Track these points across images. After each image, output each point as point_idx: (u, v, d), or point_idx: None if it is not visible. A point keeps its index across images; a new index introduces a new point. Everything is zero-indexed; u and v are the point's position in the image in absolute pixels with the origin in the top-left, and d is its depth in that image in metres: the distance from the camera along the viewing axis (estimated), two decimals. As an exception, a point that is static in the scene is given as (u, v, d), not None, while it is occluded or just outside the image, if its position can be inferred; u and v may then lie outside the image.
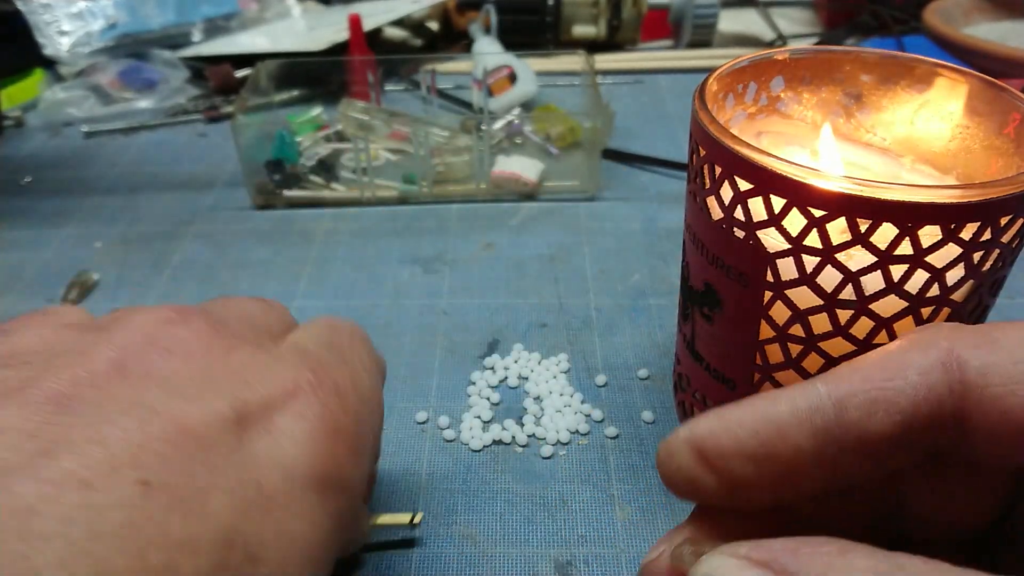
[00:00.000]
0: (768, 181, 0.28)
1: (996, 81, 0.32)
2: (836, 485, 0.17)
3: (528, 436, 0.41)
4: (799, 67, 0.36)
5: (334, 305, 0.51)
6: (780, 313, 0.31)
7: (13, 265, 0.56)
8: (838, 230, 0.27)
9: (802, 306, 0.30)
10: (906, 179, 0.36)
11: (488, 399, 0.43)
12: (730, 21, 0.94)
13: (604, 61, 0.83)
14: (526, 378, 0.45)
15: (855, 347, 0.29)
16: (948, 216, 0.26)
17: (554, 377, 0.44)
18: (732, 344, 0.33)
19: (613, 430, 0.41)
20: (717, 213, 0.31)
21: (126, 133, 0.74)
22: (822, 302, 0.29)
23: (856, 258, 0.28)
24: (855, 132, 0.37)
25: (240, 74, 0.80)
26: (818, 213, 0.27)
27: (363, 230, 0.59)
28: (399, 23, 0.89)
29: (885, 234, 0.26)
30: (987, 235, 0.26)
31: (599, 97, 0.61)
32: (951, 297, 0.28)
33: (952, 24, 0.80)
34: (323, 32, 0.83)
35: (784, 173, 0.27)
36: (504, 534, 0.36)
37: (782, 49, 0.36)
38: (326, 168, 0.64)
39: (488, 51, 0.76)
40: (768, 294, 0.30)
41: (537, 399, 0.43)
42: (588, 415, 0.42)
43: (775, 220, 0.28)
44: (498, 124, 0.67)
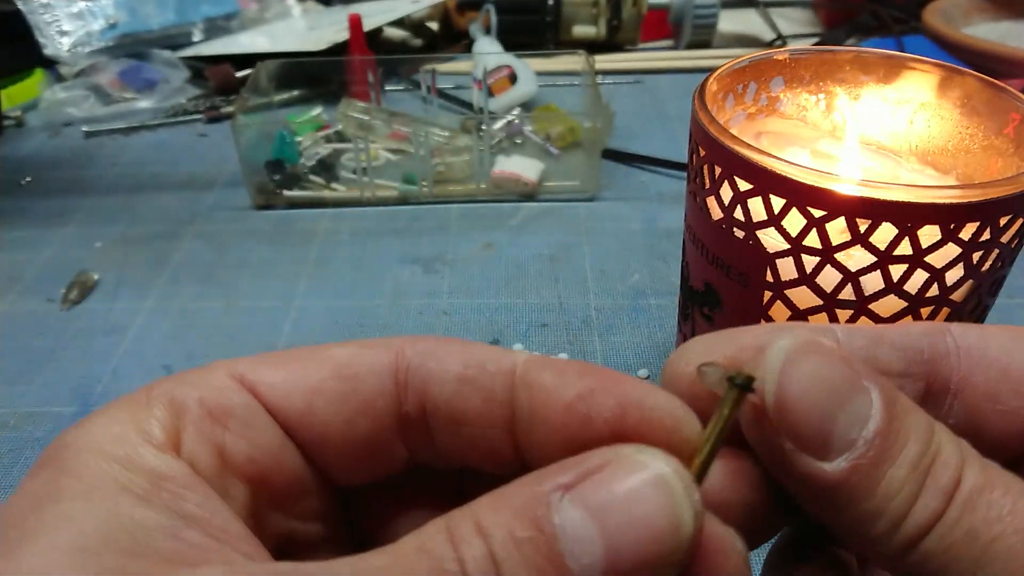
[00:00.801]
0: (768, 181, 0.28)
1: (996, 81, 0.32)
2: None
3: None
4: (799, 67, 0.36)
5: (334, 305, 0.51)
6: (780, 313, 0.31)
7: (13, 265, 0.56)
8: (838, 230, 0.27)
9: (802, 306, 0.30)
10: (906, 179, 0.36)
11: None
12: (730, 21, 0.94)
13: (604, 61, 0.83)
14: (526, 378, 0.45)
15: (855, 347, 0.29)
16: (948, 216, 0.26)
17: (554, 377, 0.44)
18: (732, 344, 0.33)
19: (613, 430, 0.41)
20: (717, 213, 0.31)
21: (126, 133, 0.74)
22: (822, 302, 0.29)
23: (856, 258, 0.28)
24: (855, 132, 0.37)
25: (240, 74, 0.80)
26: (818, 213, 0.27)
27: (363, 230, 0.59)
28: (399, 23, 0.89)
29: (885, 234, 0.26)
30: (986, 235, 0.26)
31: (599, 97, 0.61)
32: (950, 297, 0.28)
33: (952, 24, 0.80)
34: (323, 32, 0.83)
35: (784, 173, 0.27)
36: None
37: (782, 49, 0.36)
38: (326, 168, 0.64)
39: (488, 51, 0.76)
40: (768, 294, 0.30)
41: (537, 399, 0.43)
42: (588, 415, 0.42)
43: (775, 220, 0.28)
44: (498, 124, 0.67)
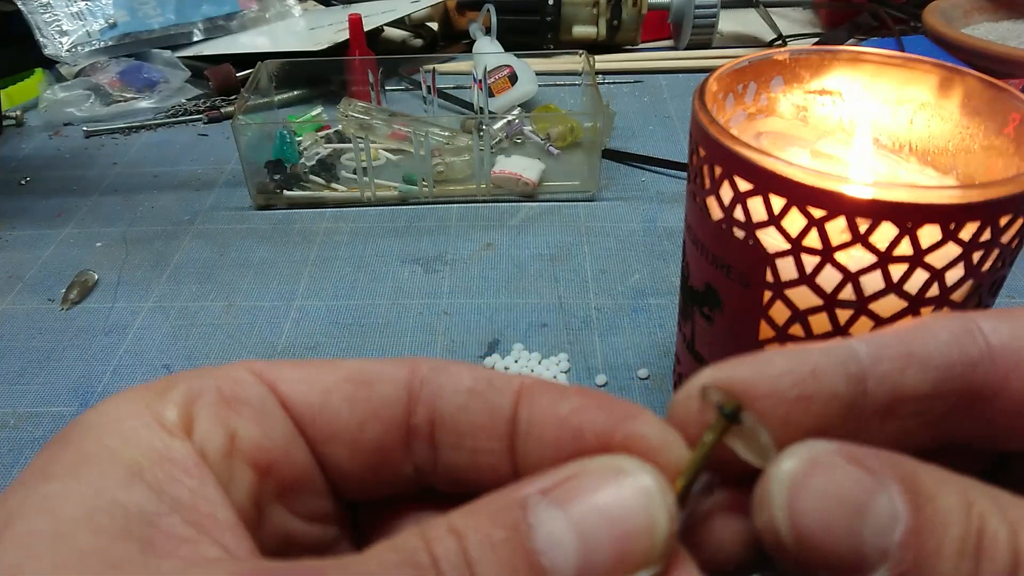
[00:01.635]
0: (768, 181, 0.28)
1: (996, 81, 0.32)
2: (856, 439, 0.16)
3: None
4: (799, 67, 0.36)
5: (334, 305, 0.51)
6: (780, 313, 0.31)
7: (13, 265, 0.56)
8: (838, 230, 0.27)
9: (802, 306, 0.30)
10: (906, 179, 0.36)
11: (488, 399, 0.43)
12: (730, 21, 0.94)
13: (604, 61, 0.83)
14: (526, 378, 0.45)
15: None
16: (948, 216, 0.26)
17: (554, 377, 0.44)
18: (732, 344, 0.33)
19: (613, 430, 0.41)
20: (717, 213, 0.31)
21: (126, 133, 0.74)
22: (822, 302, 0.29)
23: (856, 258, 0.28)
24: (854, 132, 0.37)
25: (240, 74, 0.80)
26: (818, 213, 0.27)
27: (363, 230, 0.59)
28: (399, 23, 0.89)
29: (885, 234, 0.26)
30: (987, 235, 0.26)
31: (599, 97, 0.61)
32: (951, 297, 0.28)
33: (952, 24, 0.80)
34: (323, 32, 0.83)
35: (784, 173, 0.27)
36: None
37: (782, 49, 0.36)
38: (326, 168, 0.64)
39: (488, 51, 0.76)
40: (768, 294, 0.30)
41: (537, 399, 0.43)
42: (588, 415, 0.42)
43: (775, 220, 0.28)
44: (498, 124, 0.67)
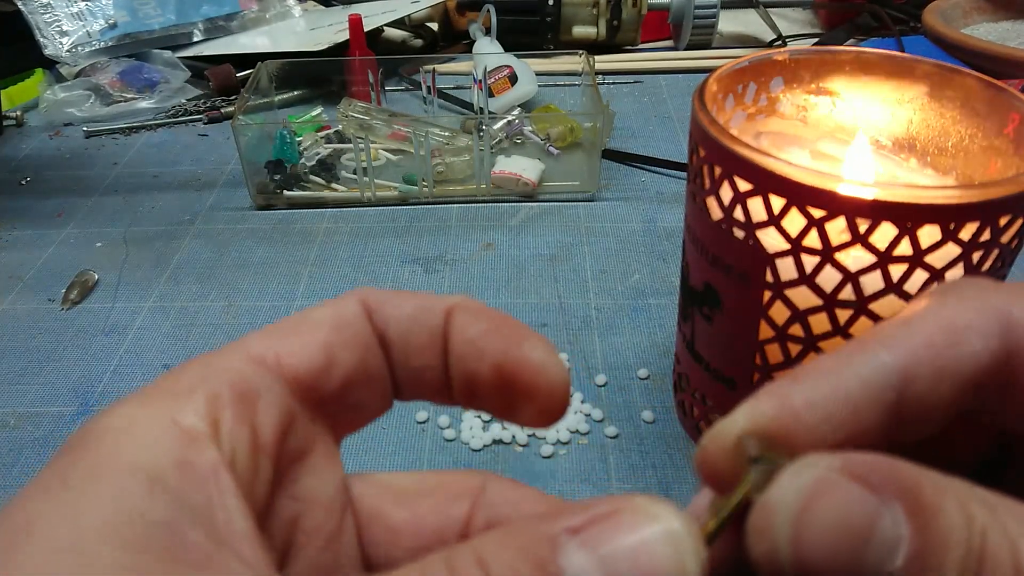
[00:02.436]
0: (768, 181, 0.28)
1: (996, 81, 0.32)
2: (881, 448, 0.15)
3: (528, 435, 0.41)
4: (799, 67, 0.36)
5: (334, 305, 0.51)
6: (780, 313, 0.31)
7: (13, 265, 0.56)
8: (838, 230, 0.27)
9: (802, 306, 0.30)
10: (906, 179, 0.36)
11: (488, 399, 0.43)
12: (730, 21, 0.94)
13: (604, 61, 0.83)
14: (526, 378, 0.45)
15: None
16: (948, 216, 0.26)
17: (554, 377, 0.44)
18: (732, 344, 0.33)
19: (613, 430, 0.41)
20: (717, 213, 0.31)
21: (126, 133, 0.74)
22: (821, 302, 0.29)
23: (856, 258, 0.28)
24: (854, 132, 0.37)
25: (241, 74, 0.80)
26: (817, 213, 0.27)
27: (363, 230, 0.59)
28: (399, 23, 0.89)
29: (884, 234, 0.26)
30: (986, 235, 0.26)
31: (599, 97, 0.61)
32: (950, 297, 0.28)
33: (952, 24, 0.80)
34: (323, 32, 0.83)
35: (784, 173, 0.27)
36: (504, 534, 0.36)
37: (782, 49, 0.36)
38: (326, 168, 0.64)
39: (488, 51, 0.76)
40: (768, 294, 0.30)
41: (537, 399, 0.43)
42: (588, 415, 0.42)
43: (775, 220, 0.28)
44: (498, 124, 0.67)
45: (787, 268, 0.29)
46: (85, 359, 0.47)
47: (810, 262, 0.28)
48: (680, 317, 0.38)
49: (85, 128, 0.74)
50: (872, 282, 0.28)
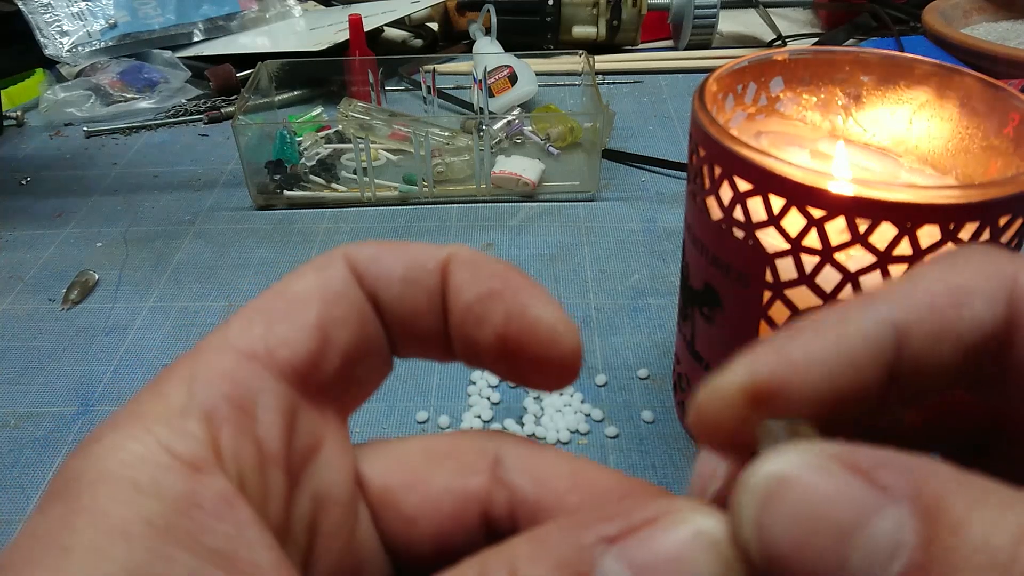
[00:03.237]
0: (767, 181, 0.28)
1: (995, 81, 0.32)
2: (869, 411, 0.15)
3: (528, 435, 0.41)
4: (799, 67, 0.36)
5: (334, 305, 0.51)
6: (780, 313, 0.31)
7: (13, 265, 0.56)
8: (837, 230, 0.27)
9: (801, 306, 0.30)
10: (906, 179, 0.36)
11: (488, 398, 0.43)
12: (730, 21, 0.94)
13: (604, 61, 0.83)
14: (526, 378, 0.45)
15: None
16: (947, 216, 0.26)
17: (554, 377, 0.44)
18: (732, 344, 0.33)
19: (613, 430, 0.41)
20: (717, 213, 0.31)
21: (126, 133, 0.74)
22: (821, 302, 0.29)
23: (856, 258, 0.28)
24: (854, 132, 0.37)
25: (241, 74, 0.80)
26: (817, 213, 0.27)
27: (363, 230, 0.59)
28: (399, 23, 0.89)
29: (884, 234, 0.26)
30: (986, 235, 0.26)
31: (599, 97, 0.61)
32: (950, 297, 0.28)
33: (952, 24, 0.80)
34: (323, 32, 0.83)
35: (783, 173, 0.27)
36: (504, 534, 0.36)
37: (782, 49, 0.36)
38: (326, 168, 0.64)
39: (488, 51, 0.76)
40: (768, 294, 0.30)
41: (537, 398, 0.43)
42: (588, 415, 0.42)
43: (775, 220, 0.28)
44: (498, 124, 0.67)
45: (787, 268, 0.29)
46: (85, 359, 0.48)
47: (810, 262, 0.28)
48: (680, 317, 0.38)
49: (85, 128, 0.74)
50: (872, 282, 0.28)
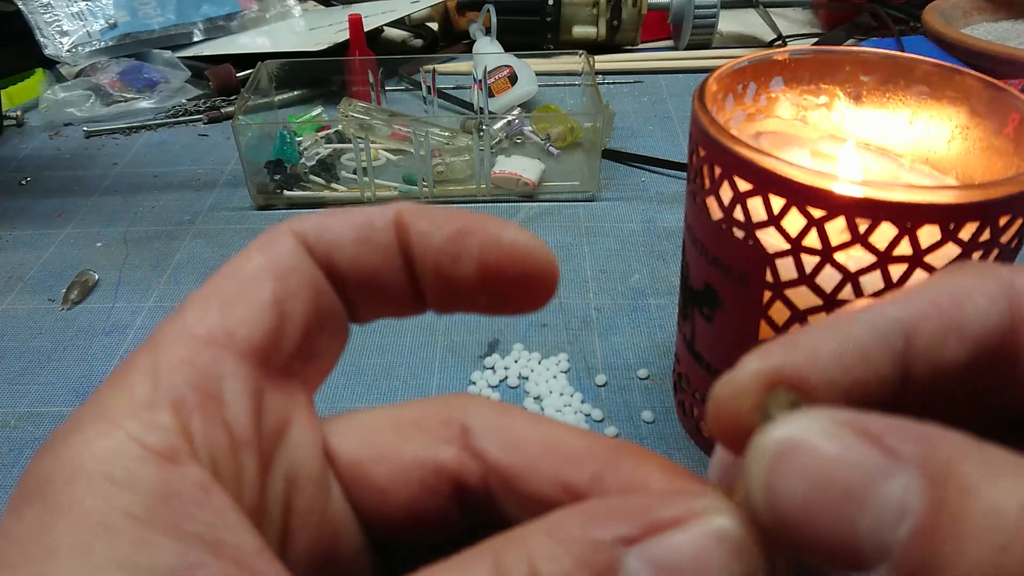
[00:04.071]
0: (767, 181, 0.28)
1: (996, 81, 0.32)
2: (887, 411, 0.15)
3: (528, 436, 0.41)
4: (799, 67, 0.36)
5: (334, 305, 0.51)
6: (780, 313, 0.31)
7: (13, 265, 0.56)
8: (837, 230, 0.27)
9: (801, 306, 0.30)
10: (906, 179, 0.36)
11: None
12: (730, 21, 0.94)
13: (604, 61, 0.83)
14: (526, 378, 0.45)
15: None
16: (947, 216, 0.26)
17: (554, 377, 0.44)
18: (732, 344, 0.33)
19: (613, 430, 0.41)
20: (717, 213, 0.31)
21: (126, 133, 0.74)
22: (821, 302, 0.29)
23: (856, 258, 0.28)
24: (854, 132, 0.37)
25: (241, 74, 0.80)
26: (817, 213, 0.27)
27: (363, 230, 0.59)
28: (399, 23, 0.89)
29: (884, 234, 0.26)
30: (986, 235, 0.26)
31: (599, 97, 0.61)
32: (950, 297, 0.28)
33: (952, 24, 0.80)
34: (323, 32, 0.83)
35: (783, 173, 0.27)
36: (504, 534, 0.36)
37: (782, 49, 0.36)
38: (326, 168, 0.64)
39: (488, 51, 0.76)
40: (768, 294, 0.30)
41: (537, 399, 0.43)
42: (588, 415, 0.42)
43: (775, 220, 0.28)
44: (498, 124, 0.67)
45: (787, 268, 0.29)
46: (85, 359, 0.47)
47: (810, 262, 0.28)
48: (680, 317, 0.38)
49: (85, 128, 0.74)
50: (872, 282, 0.28)
